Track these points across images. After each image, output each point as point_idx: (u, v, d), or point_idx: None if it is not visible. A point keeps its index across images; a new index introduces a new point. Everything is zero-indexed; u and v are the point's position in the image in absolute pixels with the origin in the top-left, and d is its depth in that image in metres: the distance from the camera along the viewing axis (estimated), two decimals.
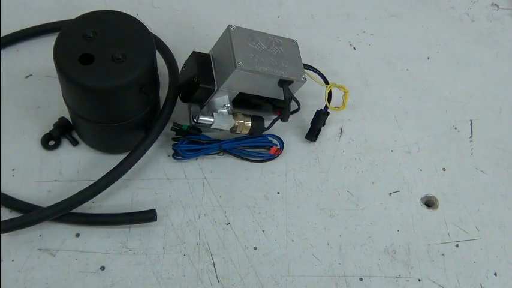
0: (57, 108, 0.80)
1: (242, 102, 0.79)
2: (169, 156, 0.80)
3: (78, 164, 0.78)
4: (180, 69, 0.82)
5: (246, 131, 0.79)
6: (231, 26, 0.75)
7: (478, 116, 0.90)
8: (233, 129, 0.79)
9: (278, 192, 0.79)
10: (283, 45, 0.78)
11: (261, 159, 0.81)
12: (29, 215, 0.70)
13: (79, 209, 0.72)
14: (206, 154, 0.80)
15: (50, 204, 0.70)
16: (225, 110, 0.77)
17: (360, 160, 0.84)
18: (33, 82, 0.84)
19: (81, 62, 0.67)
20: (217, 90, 0.75)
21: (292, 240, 0.75)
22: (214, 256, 0.73)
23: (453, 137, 0.88)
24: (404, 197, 0.81)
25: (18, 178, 0.76)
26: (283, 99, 0.77)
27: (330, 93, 0.81)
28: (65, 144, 0.79)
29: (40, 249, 0.71)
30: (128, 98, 0.70)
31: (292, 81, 0.76)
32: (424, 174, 0.83)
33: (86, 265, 0.71)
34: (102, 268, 0.71)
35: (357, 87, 0.90)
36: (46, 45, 0.83)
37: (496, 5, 1.06)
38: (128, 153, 0.74)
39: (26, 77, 0.84)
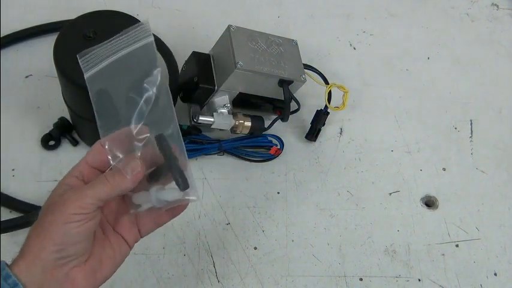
0: (57, 108, 0.80)
1: (242, 102, 0.79)
2: None
3: None
4: (180, 69, 0.82)
5: (246, 131, 0.79)
6: (231, 26, 0.75)
7: (478, 116, 0.90)
8: (233, 129, 0.79)
9: (278, 192, 0.79)
10: (283, 45, 0.78)
11: (261, 159, 0.81)
12: (29, 215, 0.70)
13: None
14: (206, 154, 0.80)
15: None
16: (225, 110, 0.77)
17: (360, 160, 0.84)
18: (33, 82, 0.84)
19: None
20: (217, 90, 0.75)
21: (292, 240, 0.75)
22: (214, 256, 0.73)
23: (453, 137, 0.88)
24: (404, 197, 0.81)
25: (18, 178, 0.76)
26: (283, 99, 0.77)
27: (330, 93, 0.81)
28: (65, 144, 0.79)
29: None
30: None
31: (292, 81, 0.76)
32: (424, 174, 0.83)
33: None
34: None
35: (357, 87, 0.90)
36: (46, 45, 0.83)
37: (496, 5, 1.06)
38: None
39: (26, 77, 0.84)
